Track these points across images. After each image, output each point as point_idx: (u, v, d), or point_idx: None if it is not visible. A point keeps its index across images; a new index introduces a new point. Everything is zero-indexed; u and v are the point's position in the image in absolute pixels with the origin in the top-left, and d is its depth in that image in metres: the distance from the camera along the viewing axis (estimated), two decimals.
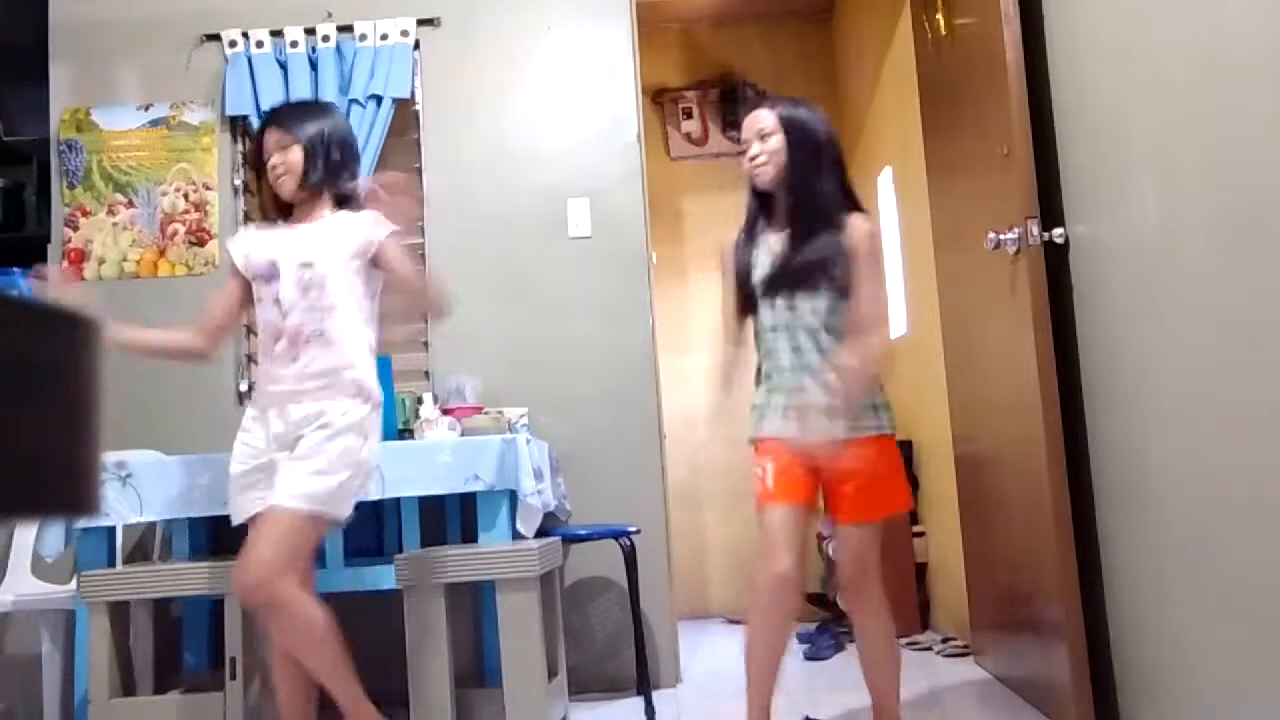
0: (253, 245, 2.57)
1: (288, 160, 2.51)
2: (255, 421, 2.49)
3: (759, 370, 2.44)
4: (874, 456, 2.30)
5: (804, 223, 2.35)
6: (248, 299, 2.56)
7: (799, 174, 2.36)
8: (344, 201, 2.56)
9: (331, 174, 2.54)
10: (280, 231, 2.56)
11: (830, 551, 4.66)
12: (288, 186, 2.52)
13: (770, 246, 2.40)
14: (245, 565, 2.29)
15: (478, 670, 3.22)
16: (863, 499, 2.32)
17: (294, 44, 3.75)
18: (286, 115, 2.59)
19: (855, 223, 2.36)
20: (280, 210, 2.60)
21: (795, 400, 2.32)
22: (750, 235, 2.45)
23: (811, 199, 2.36)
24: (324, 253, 2.47)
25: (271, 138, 2.53)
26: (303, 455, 2.36)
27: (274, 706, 2.52)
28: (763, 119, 2.40)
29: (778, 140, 2.37)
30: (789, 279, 2.34)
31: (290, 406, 2.42)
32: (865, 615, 2.40)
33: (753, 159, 2.39)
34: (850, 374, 2.25)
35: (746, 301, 2.42)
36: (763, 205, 2.45)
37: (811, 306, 2.33)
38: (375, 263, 2.51)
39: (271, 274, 2.49)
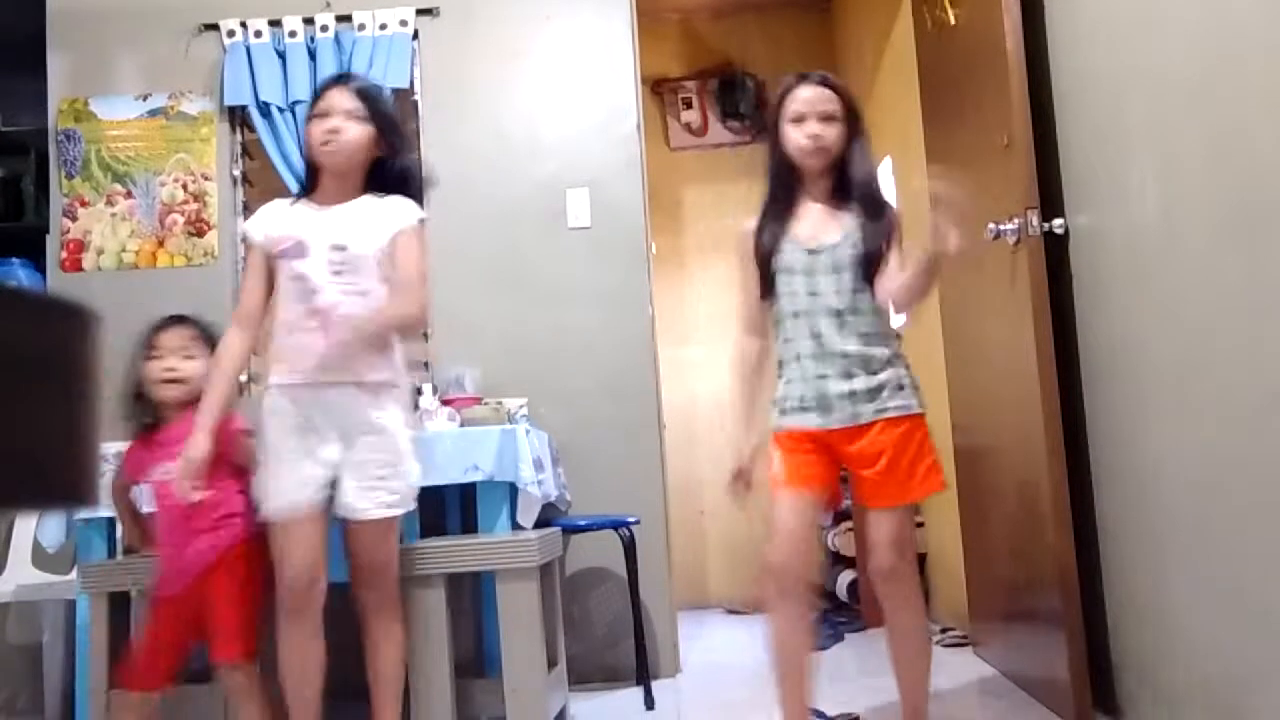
0: (275, 221, 2.45)
1: (349, 129, 2.38)
2: (285, 402, 2.36)
3: (779, 361, 2.33)
4: (901, 438, 2.22)
5: (869, 210, 2.28)
6: (272, 278, 2.43)
7: (865, 162, 2.31)
8: (375, 189, 2.46)
9: (392, 168, 2.46)
10: (305, 209, 2.44)
11: (831, 543, 4.67)
12: (336, 157, 2.39)
13: (806, 228, 2.28)
14: (371, 577, 2.42)
15: (477, 660, 3.23)
16: (891, 482, 2.21)
17: (292, 34, 3.73)
18: (366, 87, 2.47)
19: (894, 209, 2.33)
20: (306, 183, 2.48)
21: (815, 389, 2.22)
22: (776, 215, 2.31)
23: (875, 187, 2.31)
24: (358, 237, 2.38)
25: (342, 102, 2.39)
26: (383, 462, 2.37)
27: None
28: (829, 101, 2.27)
29: (840, 127, 2.27)
30: (854, 262, 2.23)
31: (331, 393, 2.34)
32: (897, 605, 2.28)
33: (816, 137, 2.25)
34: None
35: (766, 286, 2.30)
36: (790, 184, 2.32)
37: (836, 289, 2.23)
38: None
39: (299, 252, 2.37)
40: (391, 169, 2.47)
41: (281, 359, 2.39)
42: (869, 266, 2.23)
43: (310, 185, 2.49)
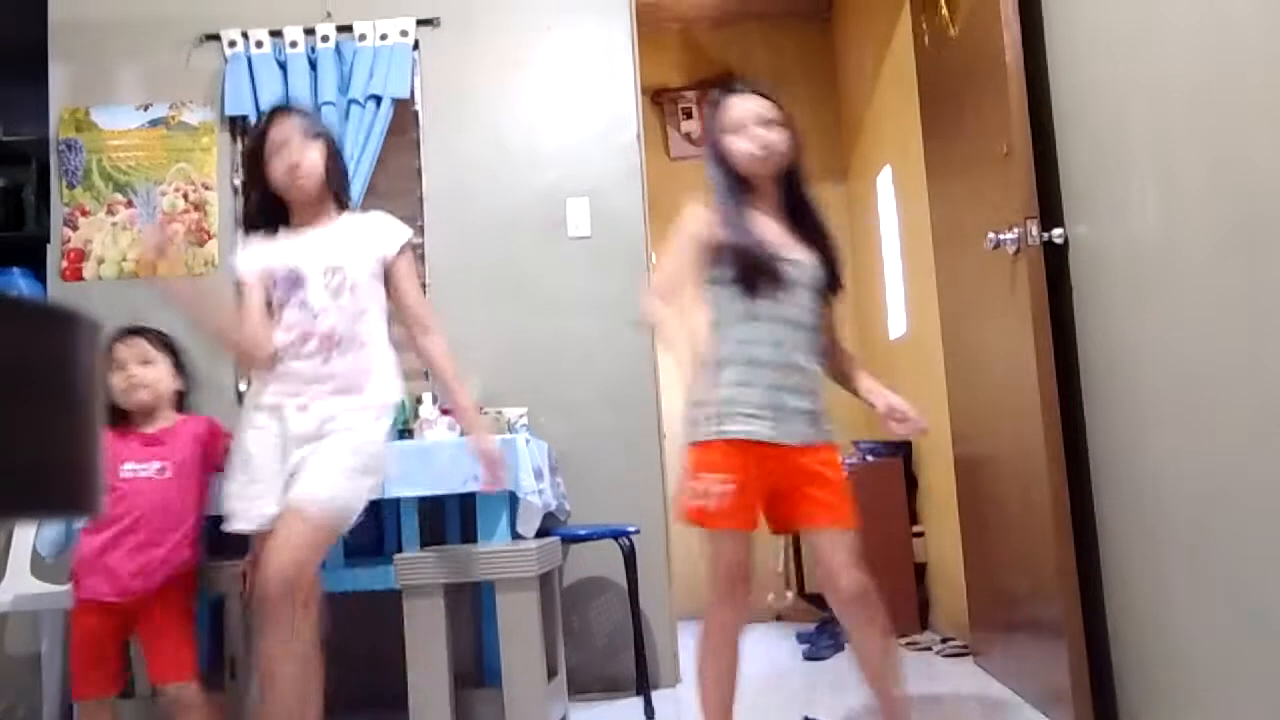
0: (266, 253, 2.46)
1: (310, 159, 2.41)
2: (270, 417, 2.38)
3: (719, 361, 2.22)
4: (837, 462, 2.24)
5: (817, 223, 2.29)
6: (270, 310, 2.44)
7: (803, 174, 2.31)
8: (343, 206, 2.52)
9: (345, 178, 2.54)
10: (288, 239, 2.47)
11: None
12: (306, 185, 2.42)
13: (770, 236, 2.25)
14: (271, 561, 2.21)
15: (477, 670, 3.22)
16: (845, 501, 2.21)
17: (293, 44, 3.74)
18: (305, 114, 2.55)
19: (833, 235, 2.34)
20: (269, 216, 2.48)
21: (771, 399, 2.17)
22: (737, 213, 2.26)
23: (818, 209, 2.32)
24: (351, 256, 2.42)
25: (294, 130, 2.42)
26: (334, 456, 2.31)
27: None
28: (769, 108, 2.27)
29: (782, 133, 2.26)
30: (818, 285, 2.25)
31: (314, 404, 2.35)
32: (869, 619, 2.24)
33: (767, 144, 2.24)
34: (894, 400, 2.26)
35: (751, 282, 2.20)
36: (739, 196, 2.29)
37: (797, 301, 2.21)
38: (385, 280, 2.47)
39: (296, 280, 2.40)
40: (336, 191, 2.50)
41: (280, 381, 2.40)
42: (826, 297, 2.29)
43: (278, 221, 2.48)
